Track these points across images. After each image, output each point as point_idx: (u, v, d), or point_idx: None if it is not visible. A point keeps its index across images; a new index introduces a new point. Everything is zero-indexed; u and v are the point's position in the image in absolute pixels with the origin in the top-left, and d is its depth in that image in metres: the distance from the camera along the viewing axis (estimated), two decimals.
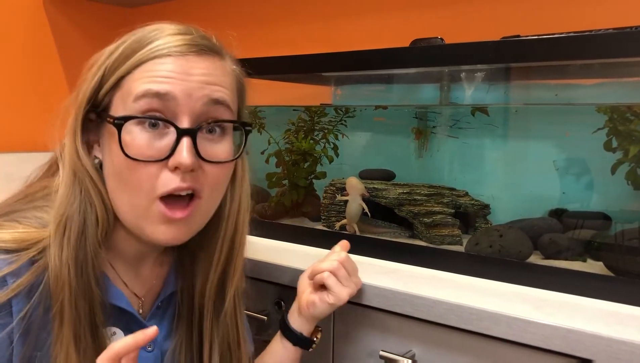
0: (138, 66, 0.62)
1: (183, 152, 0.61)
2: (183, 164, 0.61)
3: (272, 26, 1.68)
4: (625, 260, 0.83)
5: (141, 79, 0.61)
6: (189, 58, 0.63)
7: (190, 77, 0.62)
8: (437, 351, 0.81)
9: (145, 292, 0.74)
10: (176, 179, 0.62)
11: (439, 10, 1.35)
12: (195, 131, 0.62)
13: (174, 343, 0.74)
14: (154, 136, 0.61)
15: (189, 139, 0.61)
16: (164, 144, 0.62)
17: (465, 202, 1.07)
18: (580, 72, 0.95)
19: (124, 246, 0.69)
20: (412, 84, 1.23)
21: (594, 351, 0.66)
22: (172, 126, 0.61)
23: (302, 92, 1.39)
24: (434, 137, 1.14)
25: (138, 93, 0.61)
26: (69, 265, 0.61)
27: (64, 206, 0.63)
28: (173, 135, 0.62)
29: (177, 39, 0.63)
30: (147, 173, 0.61)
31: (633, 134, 0.87)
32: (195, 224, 0.67)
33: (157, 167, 0.62)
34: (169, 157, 0.61)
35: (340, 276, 0.79)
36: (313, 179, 1.26)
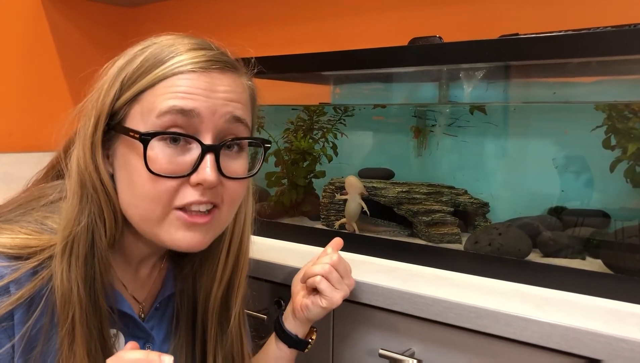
0: (160, 81, 0.61)
1: (207, 169, 0.61)
2: (208, 181, 0.61)
3: (270, 25, 1.68)
4: (624, 257, 0.84)
5: (165, 94, 0.61)
6: (213, 75, 0.63)
7: (214, 94, 0.62)
8: (436, 349, 0.81)
9: (145, 295, 0.74)
10: (196, 194, 0.62)
11: (438, 9, 1.35)
12: (219, 148, 0.62)
13: (173, 345, 0.74)
14: (176, 152, 0.61)
15: (212, 156, 0.61)
16: (187, 160, 0.62)
17: (465, 200, 1.07)
18: (579, 70, 0.95)
19: (129, 249, 0.69)
20: (411, 82, 1.23)
21: (593, 349, 0.66)
22: (196, 142, 0.61)
23: (301, 92, 1.39)
24: (432, 136, 1.14)
25: (162, 109, 0.60)
26: (78, 284, 0.61)
27: (71, 225, 0.62)
28: (196, 151, 0.62)
29: (200, 55, 0.63)
30: (168, 187, 0.61)
31: (631, 131, 0.87)
32: (214, 232, 0.67)
33: (179, 182, 0.62)
34: (191, 174, 0.61)
35: (332, 280, 0.77)
36: (312, 178, 1.26)
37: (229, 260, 0.73)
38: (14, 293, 0.59)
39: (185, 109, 0.60)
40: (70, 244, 0.61)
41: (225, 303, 0.74)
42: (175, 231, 0.63)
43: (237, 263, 0.74)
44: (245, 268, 0.75)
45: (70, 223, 0.62)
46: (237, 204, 0.69)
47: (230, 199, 0.66)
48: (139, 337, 0.71)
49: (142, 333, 0.71)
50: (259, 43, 1.69)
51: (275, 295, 0.97)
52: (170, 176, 0.61)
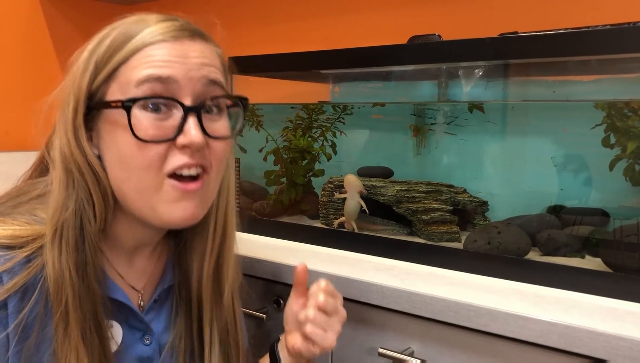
0: (134, 54, 0.63)
1: (192, 130, 0.62)
2: (194, 142, 0.62)
3: (269, 23, 1.68)
4: (624, 256, 0.83)
5: (139, 66, 0.62)
6: (184, 42, 0.65)
7: (188, 60, 0.64)
8: (435, 348, 0.81)
9: (144, 285, 0.74)
10: (184, 157, 0.63)
11: (437, 7, 1.35)
12: (199, 108, 0.63)
13: (172, 336, 0.74)
14: (159, 118, 0.62)
15: (194, 117, 0.63)
16: (170, 124, 0.63)
17: (464, 199, 1.07)
18: (578, 68, 0.95)
19: (122, 236, 0.69)
20: (410, 81, 1.23)
21: (592, 347, 0.66)
22: (178, 104, 0.62)
23: (300, 90, 1.39)
24: (431, 134, 1.14)
25: (140, 78, 0.61)
26: (69, 268, 0.61)
27: (59, 212, 0.62)
28: (178, 115, 0.63)
29: (169, 25, 0.65)
30: (156, 153, 0.62)
31: (631, 130, 0.87)
32: (206, 200, 0.68)
33: (165, 147, 0.62)
34: (176, 136, 0.62)
35: (321, 324, 0.74)
36: (311, 176, 1.26)
37: (217, 232, 0.74)
38: (7, 282, 0.59)
39: (162, 76, 0.62)
40: (59, 230, 0.62)
41: (217, 276, 0.75)
42: (170, 203, 0.64)
43: (224, 234, 0.74)
44: (233, 238, 0.76)
45: (58, 210, 0.62)
46: (223, 166, 0.70)
47: (217, 161, 0.67)
48: (137, 328, 0.71)
49: (140, 324, 0.71)
50: (257, 41, 1.68)
51: (273, 294, 0.97)
52: (157, 140, 0.62)
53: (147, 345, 0.71)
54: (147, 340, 0.71)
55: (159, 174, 0.63)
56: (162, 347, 0.73)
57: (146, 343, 0.71)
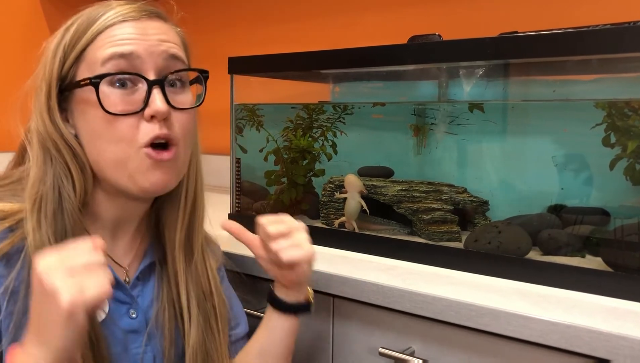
0: (97, 35, 0.67)
1: (157, 101, 0.66)
2: (159, 111, 0.66)
3: (269, 23, 1.68)
4: (624, 255, 0.83)
5: (104, 45, 0.67)
6: (143, 21, 0.69)
7: (148, 37, 0.68)
8: (436, 347, 0.81)
9: (129, 262, 0.77)
10: (155, 127, 0.67)
11: (437, 7, 1.35)
12: (162, 81, 0.68)
13: (156, 308, 0.76)
14: (125, 93, 0.67)
15: (159, 89, 0.67)
16: (137, 98, 0.67)
17: (464, 198, 1.07)
18: (578, 68, 0.95)
19: (103, 211, 0.72)
20: (410, 80, 1.23)
21: (593, 347, 0.66)
22: (142, 79, 0.67)
23: (300, 90, 1.39)
24: (432, 134, 1.14)
25: (105, 57, 0.66)
26: (49, 237, 0.64)
27: (37, 185, 0.66)
28: (143, 89, 0.67)
29: (128, 7, 0.69)
30: (127, 125, 0.66)
31: (631, 129, 0.87)
32: (178, 169, 0.71)
33: (135, 119, 0.67)
34: (143, 109, 0.67)
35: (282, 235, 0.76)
36: (312, 176, 1.26)
37: (187, 204, 0.77)
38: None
39: (125, 53, 0.66)
40: (38, 202, 0.65)
41: (188, 244, 0.78)
42: (146, 171, 0.67)
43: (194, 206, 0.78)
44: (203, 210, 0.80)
45: (36, 183, 0.66)
46: (190, 136, 0.73)
47: (183, 132, 0.70)
48: (123, 301, 0.73)
49: (125, 297, 0.73)
50: (258, 41, 1.69)
51: None
52: (125, 113, 0.66)
53: (134, 319, 0.74)
54: (133, 313, 0.74)
55: (132, 145, 0.67)
56: (148, 320, 0.75)
57: (132, 317, 0.73)
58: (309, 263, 0.77)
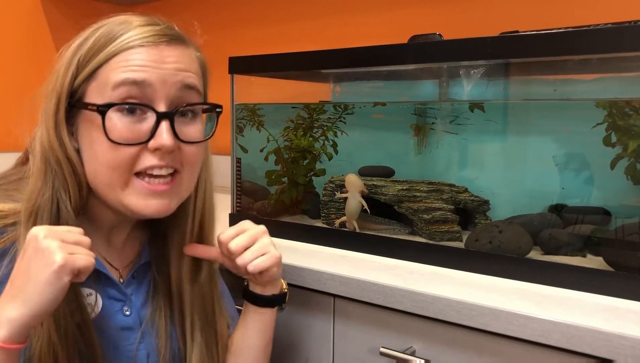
0: (113, 57, 0.66)
1: (163, 134, 0.65)
2: (165, 146, 0.65)
3: (270, 23, 1.68)
4: (625, 254, 0.83)
5: (117, 69, 0.65)
6: (161, 47, 0.67)
7: (164, 65, 0.67)
8: (437, 347, 0.81)
9: (123, 263, 0.77)
10: (154, 159, 0.66)
11: (437, 6, 1.35)
12: (172, 114, 0.67)
13: (151, 309, 0.77)
14: (133, 121, 0.66)
15: (167, 122, 0.66)
16: (144, 128, 0.66)
17: (465, 198, 1.07)
18: (579, 67, 0.95)
19: (98, 216, 0.73)
20: (411, 80, 1.23)
21: (594, 346, 0.66)
22: (151, 110, 0.66)
23: (300, 90, 1.39)
24: (433, 133, 1.14)
25: (116, 82, 0.65)
26: None
27: (35, 197, 0.66)
28: (152, 119, 0.66)
29: (148, 30, 0.67)
30: (128, 154, 0.66)
31: (632, 129, 0.87)
32: (178, 197, 0.71)
33: (137, 149, 0.66)
34: (149, 140, 0.66)
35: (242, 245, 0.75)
36: (312, 176, 1.26)
37: (195, 222, 0.77)
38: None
39: (137, 80, 0.65)
40: (34, 213, 0.65)
41: (195, 262, 0.78)
42: (138, 199, 0.67)
43: (202, 229, 0.77)
44: (212, 228, 0.79)
45: (34, 194, 0.66)
46: (197, 167, 0.73)
47: (189, 163, 0.70)
48: (116, 298, 0.73)
49: (119, 294, 0.74)
50: (258, 41, 1.69)
51: None
52: (129, 143, 0.65)
53: (127, 316, 0.74)
54: (127, 311, 0.74)
55: (127, 173, 0.66)
56: (142, 319, 0.76)
57: (126, 314, 0.74)
58: (278, 266, 0.77)
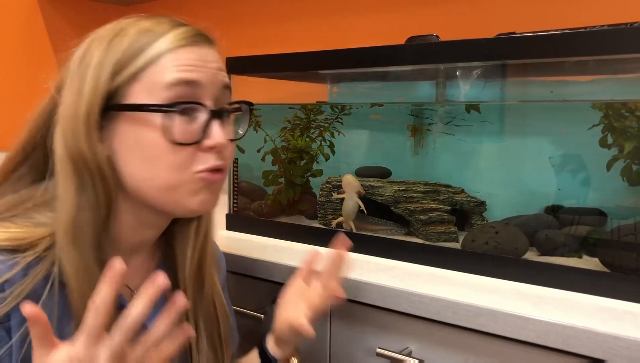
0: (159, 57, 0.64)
1: (218, 133, 0.66)
2: (221, 144, 0.66)
3: (267, 23, 1.68)
4: (621, 255, 0.84)
5: (167, 69, 0.64)
6: (203, 47, 0.68)
7: (208, 65, 0.67)
8: (434, 348, 0.81)
9: (138, 284, 0.74)
10: (213, 158, 0.67)
11: (435, 8, 1.35)
12: (222, 113, 0.68)
13: None
14: (186, 121, 0.65)
15: (218, 121, 0.67)
16: (195, 127, 0.65)
17: (462, 199, 1.07)
18: (576, 69, 0.95)
19: (126, 235, 0.70)
20: (408, 81, 1.23)
21: (590, 347, 0.66)
22: (203, 108, 0.66)
23: (298, 90, 1.39)
24: (429, 134, 1.14)
25: (170, 82, 0.64)
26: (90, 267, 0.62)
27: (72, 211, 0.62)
28: (202, 118, 0.66)
29: (187, 30, 0.67)
30: (186, 154, 0.65)
31: (628, 130, 0.87)
32: (219, 193, 0.72)
33: (193, 148, 0.66)
34: (203, 139, 0.66)
35: None
36: (309, 177, 1.26)
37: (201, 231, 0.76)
38: (8, 295, 0.59)
39: (190, 80, 0.65)
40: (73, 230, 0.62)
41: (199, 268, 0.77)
42: (194, 194, 0.67)
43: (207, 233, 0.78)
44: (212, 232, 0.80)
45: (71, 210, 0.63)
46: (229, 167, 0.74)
47: (230, 160, 0.72)
48: None
49: None
50: (256, 41, 1.68)
51: (272, 294, 0.97)
52: (188, 143, 0.65)
53: None
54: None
55: (187, 172, 0.66)
56: None
57: None
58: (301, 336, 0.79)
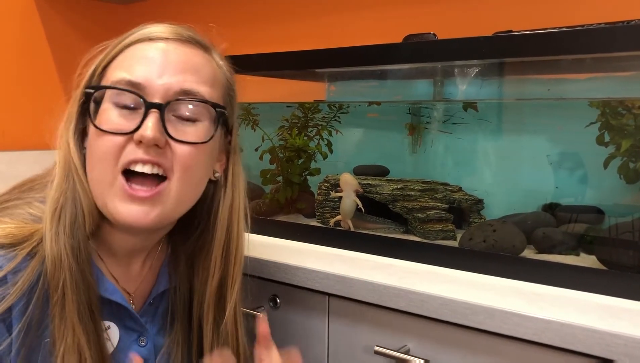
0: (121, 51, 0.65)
1: (148, 124, 0.61)
2: (146, 137, 0.61)
3: (264, 23, 1.68)
4: (618, 253, 0.84)
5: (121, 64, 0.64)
6: (169, 42, 0.65)
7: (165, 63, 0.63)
8: (431, 346, 0.81)
9: (135, 289, 0.74)
10: (139, 151, 0.62)
11: (432, 6, 1.35)
12: (163, 106, 0.62)
13: (169, 341, 0.75)
14: (125, 114, 0.63)
15: (156, 115, 0.62)
16: (134, 120, 0.62)
17: (459, 197, 1.07)
18: (573, 66, 0.95)
19: (111, 240, 0.69)
20: (406, 79, 1.23)
21: (588, 345, 0.66)
22: (141, 100, 0.62)
23: (295, 89, 1.39)
24: (427, 132, 1.14)
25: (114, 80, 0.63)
26: (66, 250, 0.62)
27: (58, 195, 0.64)
28: (141, 109, 0.62)
29: (162, 27, 0.66)
30: (113, 143, 0.62)
31: (625, 128, 0.87)
32: (164, 209, 0.65)
33: (124, 140, 0.62)
34: (135, 131, 0.62)
35: None
36: (307, 175, 1.26)
37: (222, 252, 0.72)
38: (12, 286, 0.60)
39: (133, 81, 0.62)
40: (58, 212, 0.63)
41: (219, 297, 0.74)
42: (118, 202, 0.63)
43: (229, 255, 0.73)
44: (240, 261, 0.75)
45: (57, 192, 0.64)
46: (191, 173, 0.66)
47: (180, 167, 0.64)
48: (133, 329, 0.71)
49: (136, 325, 0.71)
50: (253, 40, 1.68)
51: (269, 292, 0.97)
52: (115, 131, 0.62)
53: (143, 347, 0.72)
54: (142, 341, 0.72)
55: (114, 167, 0.62)
56: (157, 349, 0.73)
57: (141, 345, 0.72)
58: None
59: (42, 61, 1.76)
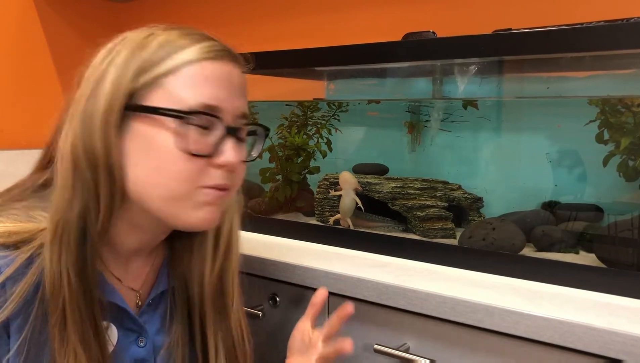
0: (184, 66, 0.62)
1: (231, 152, 0.64)
2: (232, 163, 0.64)
3: (264, 20, 1.68)
4: (617, 251, 0.84)
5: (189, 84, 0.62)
6: (227, 63, 0.66)
7: (232, 84, 0.66)
8: (431, 344, 0.81)
9: (141, 286, 0.74)
10: (222, 176, 0.65)
11: (431, 4, 1.35)
12: (237, 131, 0.66)
13: (169, 339, 0.74)
14: (202, 133, 0.63)
15: (233, 139, 0.65)
16: (210, 141, 0.63)
17: (459, 195, 1.07)
18: (572, 64, 0.95)
19: (121, 241, 0.69)
20: (405, 78, 1.23)
21: (587, 343, 0.66)
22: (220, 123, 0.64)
23: (294, 87, 1.39)
24: (426, 131, 1.14)
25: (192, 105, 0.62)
26: (67, 270, 0.60)
27: (63, 210, 0.61)
28: (218, 133, 0.64)
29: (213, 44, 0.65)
30: (196, 166, 0.63)
31: (624, 126, 0.87)
32: (222, 211, 0.70)
33: (204, 162, 0.63)
34: (214, 154, 0.64)
35: None
36: (306, 174, 1.26)
37: (220, 249, 0.74)
38: (10, 295, 0.59)
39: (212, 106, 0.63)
40: (61, 230, 0.61)
41: (220, 289, 0.75)
42: (191, 211, 0.64)
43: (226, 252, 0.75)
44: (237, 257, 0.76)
45: (61, 208, 0.61)
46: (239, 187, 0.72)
47: (239, 181, 0.70)
48: (132, 330, 0.71)
49: (135, 326, 0.71)
50: (252, 38, 1.68)
51: (269, 291, 0.97)
52: (200, 154, 0.62)
53: (142, 347, 0.72)
54: (142, 341, 0.72)
55: (194, 185, 0.63)
56: (157, 349, 0.73)
57: (140, 345, 0.72)
58: None
59: (40, 59, 1.75)
